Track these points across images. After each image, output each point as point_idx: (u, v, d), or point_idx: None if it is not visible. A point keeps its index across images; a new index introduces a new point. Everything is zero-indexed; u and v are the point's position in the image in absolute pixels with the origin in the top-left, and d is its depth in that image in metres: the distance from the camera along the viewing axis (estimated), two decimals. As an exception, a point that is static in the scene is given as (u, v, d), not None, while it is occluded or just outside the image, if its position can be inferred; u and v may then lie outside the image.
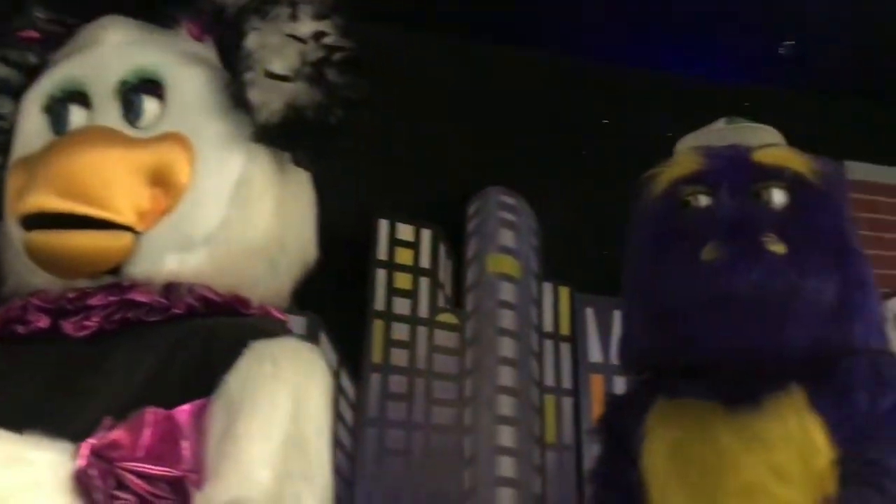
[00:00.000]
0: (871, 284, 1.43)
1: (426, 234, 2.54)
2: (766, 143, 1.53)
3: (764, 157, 1.48)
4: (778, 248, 1.36)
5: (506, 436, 2.31)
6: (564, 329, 2.64)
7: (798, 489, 1.27)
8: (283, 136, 1.17)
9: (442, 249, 2.58)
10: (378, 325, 2.38)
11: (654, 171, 1.56)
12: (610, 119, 2.87)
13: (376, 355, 2.35)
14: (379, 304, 2.40)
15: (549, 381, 2.55)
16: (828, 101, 3.12)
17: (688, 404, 1.43)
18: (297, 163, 1.23)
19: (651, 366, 1.52)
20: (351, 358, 2.32)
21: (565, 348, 2.61)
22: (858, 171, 3.04)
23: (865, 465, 1.21)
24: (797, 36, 2.95)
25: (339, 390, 2.21)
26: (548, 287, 2.66)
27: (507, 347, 2.41)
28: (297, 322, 2.02)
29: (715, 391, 1.40)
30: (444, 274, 2.58)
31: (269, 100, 1.14)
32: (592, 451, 1.76)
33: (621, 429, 1.53)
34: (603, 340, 2.62)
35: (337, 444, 2.16)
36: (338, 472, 2.15)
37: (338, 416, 2.19)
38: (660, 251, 1.45)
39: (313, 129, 1.16)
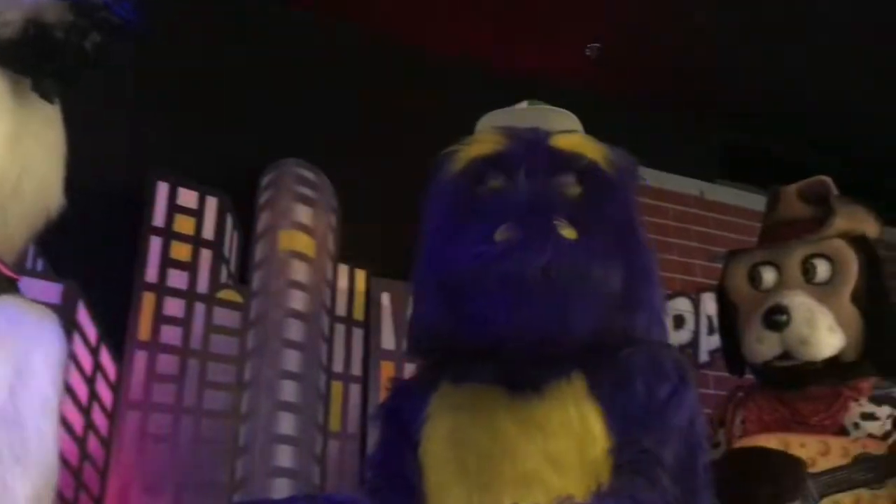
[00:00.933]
0: (656, 276, 1.46)
1: (212, 203, 2.34)
2: (565, 128, 1.53)
3: (562, 142, 1.48)
4: (569, 232, 1.35)
5: (286, 423, 2.18)
6: (358, 314, 2.55)
7: (573, 478, 1.25)
8: (20, 56, 0.99)
9: (229, 220, 2.39)
10: (148, 299, 2.16)
11: (453, 148, 1.52)
12: (420, 100, 2.82)
13: (143, 332, 2.13)
14: (150, 275, 2.18)
15: (338, 367, 2.46)
16: (626, 105, 3.26)
17: (472, 389, 1.40)
18: (40, 92, 1.05)
19: (438, 348, 1.46)
20: (114, 333, 2.09)
21: (358, 334, 2.53)
22: (649, 177, 3.22)
23: (639, 455, 1.22)
24: (603, 39, 3.06)
25: (96, 368, 1.99)
26: (343, 269, 2.57)
27: (294, 330, 2.29)
28: (49, 289, 1.80)
29: (498, 376, 1.37)
30: (230, 247, 2.40)
31: (5, 10, 0.96)
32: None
33: (403, 413, 1.47)
34: (397, 327, 2.56)
35: (90, 427, 1.96)
36: (89, 458, 1.95)
37: (93, 397, 1.97)
38: (454, 229, 1.40)
39: (60, 51, 0.99)
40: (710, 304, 3.01)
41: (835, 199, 2.03)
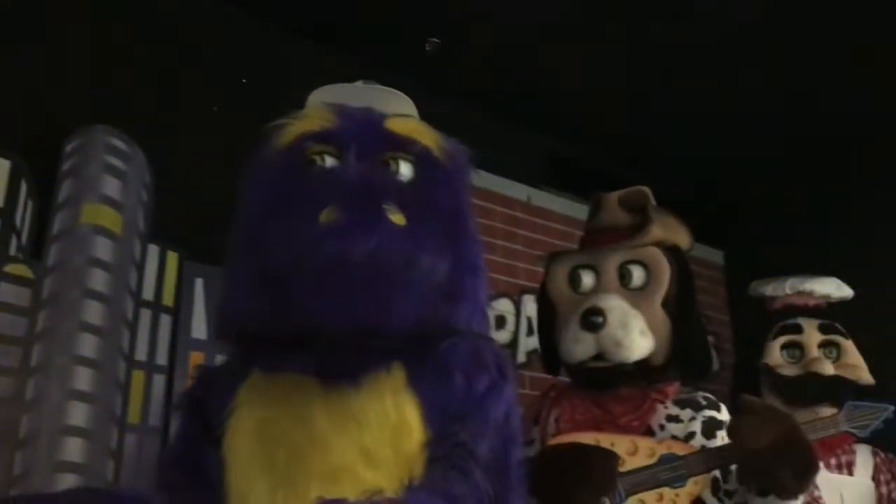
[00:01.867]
0: (482, 270, 1.44)
1: (3, 165, 2.10)
2: (400, 112, 1.49)
3: (397, 126, 1.43)
4: (398, 218, 1.31)
5: (77, 413, 1.99)
6: (168, 299, 2.38)
7: (386, 472, 1.21)
8: None
9: (24, 187, 2.15)
10: (-85, 269, 1.90)
11: (281, 122, 1.44)
12: (248, 74, 2.69)
13: None
14: (-81, 242, 1.92)
15: (141, 355, 2.28)
16: (458, 105, 3.28)
17: (284, 379, 1.32)
18: None
19: (250, 334, 1.37)
20: None
21: (166, 320, 2.36)
22: (478, 179, 3.25)
23: (454, 448, 1.20)
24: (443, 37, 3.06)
25: None
26: (154, 250, 2.39)
27: (92, 312, 2.08)
28: None
29: (314, 366, 1.30)
30: (23, 217, 2.16)
31: None
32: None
33: (207, 404, 1.37)
34: (211, 316, 2.42)
35: None
36: None
37: None
38: (275, 208, 1.31)
39: None
40: (530, 306, 3.09)
41: (652, 208, 2.13)
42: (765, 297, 3.03)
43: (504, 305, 3.13)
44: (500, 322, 3.09)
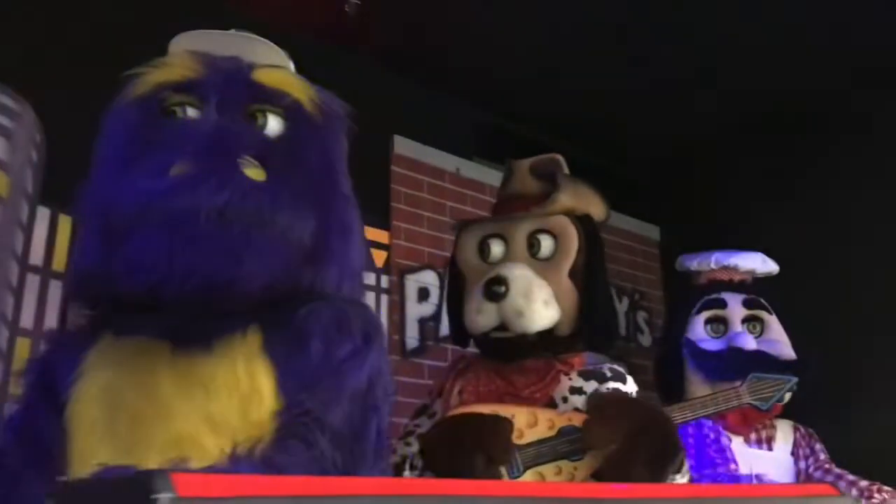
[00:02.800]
0: (355, 230, 1.37)
1: None
2: (271, 62, 1.40)
3: (265, 76, 1.35)
4: (256, 173, 1.24)
5: (-47, 383, 1.90)
6: (58, 264, 2.28)
7: (232, 440, 1.14)
8: None
9: None
10: None
11: (139, 70, 1.35)
12: (141, 33, 2.55)
13: None
14: None
15: (27, 322, 2.18)
16: (383, 72, 3.20)
17: (134, 343, 1.24)
18: None
19: (102, 296, 1.29)
20: None
21: (55, 286, 2.26)
22: (405, 147, 3.19)
23: (300, 417, 1.13)
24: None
25: None
26: (44, 213, 2.28)
27: (-29, 276, 1.99)
28: None
29: (166, 330, 1.23)
30: None
31: None
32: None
33: (54, 369, 1.29)
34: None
35: None
36: None
37: None
38: (125, 161, 1.24)
39: None
40: (454, 278, 3.03)
41: (562, 176, 2.07)
42: (691, 272, 3.01)
43: (429, 277, 3.08)
44: (424, 294, 3.04)
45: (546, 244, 2.00)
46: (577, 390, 1.93)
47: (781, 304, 2.86)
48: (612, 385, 1.95)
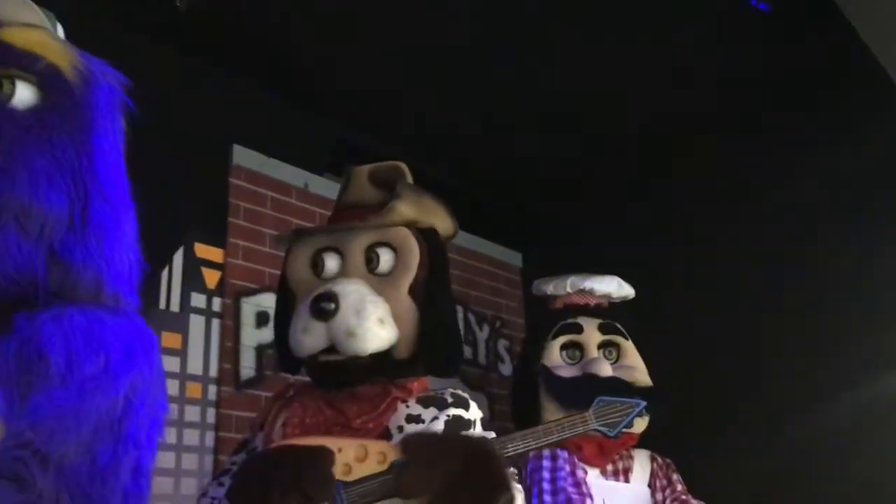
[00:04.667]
0: (123, 227, 1.14)
1: None
2: (23, 20, 1.18)
3: (15, 36, 1.12)
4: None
5: None
6: None
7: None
8: None
9: None
10: None
11: None
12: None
13: None
14: None
15: None
16: (223, 76, 2.98)
17: None
18: None
19: None
20: None
21: None
22: (246, 157, 2.97)
23: (13, 450, 0.90)
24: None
25: None
26: None
27: None
28: None
29: None
30: None
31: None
32: None
33: None
34: None
35: None
36: None
37: None
38: None
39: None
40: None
41: (403, 185, 1.92)
42: (547, 297, 2.93)
43: (269, 301, 2.84)
44: (264, 319, 2.80)
45: (385, 258, 1.84)
46: (414, 418, 1.75)
47: (638, 330, 2.81)
48: (453, 412, 1.79)
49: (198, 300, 2.65)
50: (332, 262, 1.86)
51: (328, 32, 2.86)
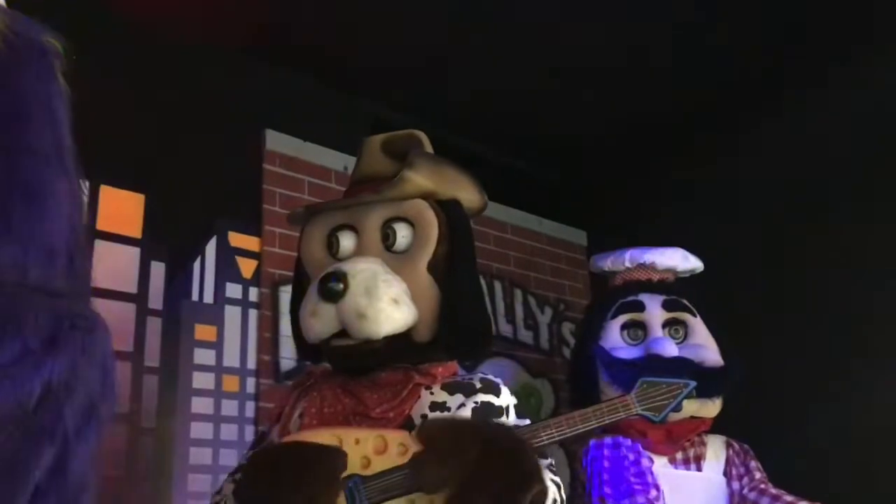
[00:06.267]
0: (53, 199, 1.03)
1: None
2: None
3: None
4: None
5: None
6: None
7: None
8: None
9: None
10: None
11: None
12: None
13: None
14: None
15: None
16: (249, 62, 2.91)
17: None
18: None
19: None
20: None
21: None
22: (279, 142, 2.90)
23: None
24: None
25: None
26: None
27: None
28: None
29: None
30: None
31: None
32: None
33: None
34: None
35: None
36: None
37: None
38: None
39: None
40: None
41: (418, 153, 1.78)
42: (606, 273, 2.74)
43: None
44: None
45: (403, 234, 1.72)
46: (439, 406, 1.63)
47: (708, 306, 2.60)
48: (482, 398, 1.66)
49: (233, 290, 2.59)
50: (347, 241, 1.75)
51: (361, 8, 2.75)
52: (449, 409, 1.63)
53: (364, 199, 1.75)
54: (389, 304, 1.61)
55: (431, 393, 1.66)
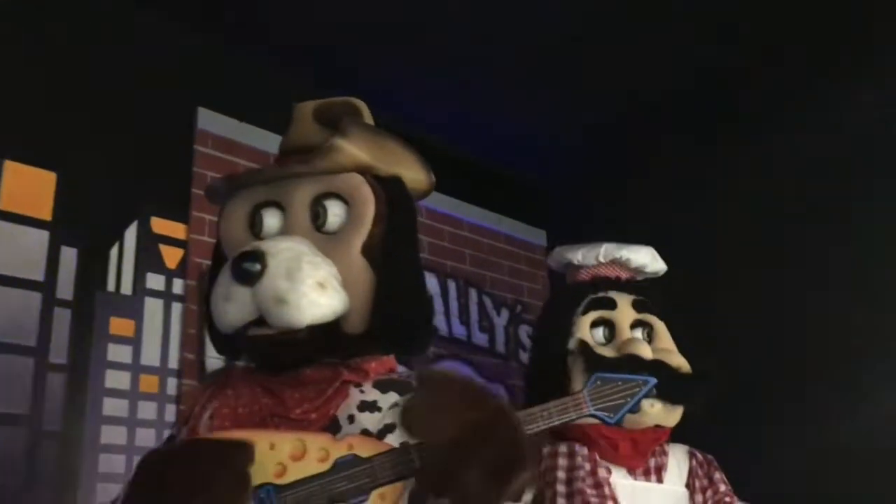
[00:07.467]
0: None
1: None
2: None
3: None
4: None
5: None
6: None
7: None
8: None
9: None
10: None
11: None
12: None
13: None
14: None
15: None
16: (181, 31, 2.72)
17: None
18: None
19: None
20: None
21: None
22: (213, 122, 2.71)
23: None
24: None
25: None
26: None
27: None
28: None
29: None
30: None
31: None
32: None
33: None
34: None
35: None
36: None
37: None
38: None
39: None
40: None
41: (352, 121, 1.60)
42: (570, 266, 2.58)
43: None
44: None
45: (335, 212, 1.54)
46: (369, 406, 1.45)
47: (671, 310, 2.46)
48: (419, 399, 1.47)
49: (155, 281, 2.41)
50: (271, 220, 1.57)
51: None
52: (380, 409, 1.45)
53: (291, 170, 1.56)
54: (314, 289, 1.42)
55: (362, 391, 1.48)
